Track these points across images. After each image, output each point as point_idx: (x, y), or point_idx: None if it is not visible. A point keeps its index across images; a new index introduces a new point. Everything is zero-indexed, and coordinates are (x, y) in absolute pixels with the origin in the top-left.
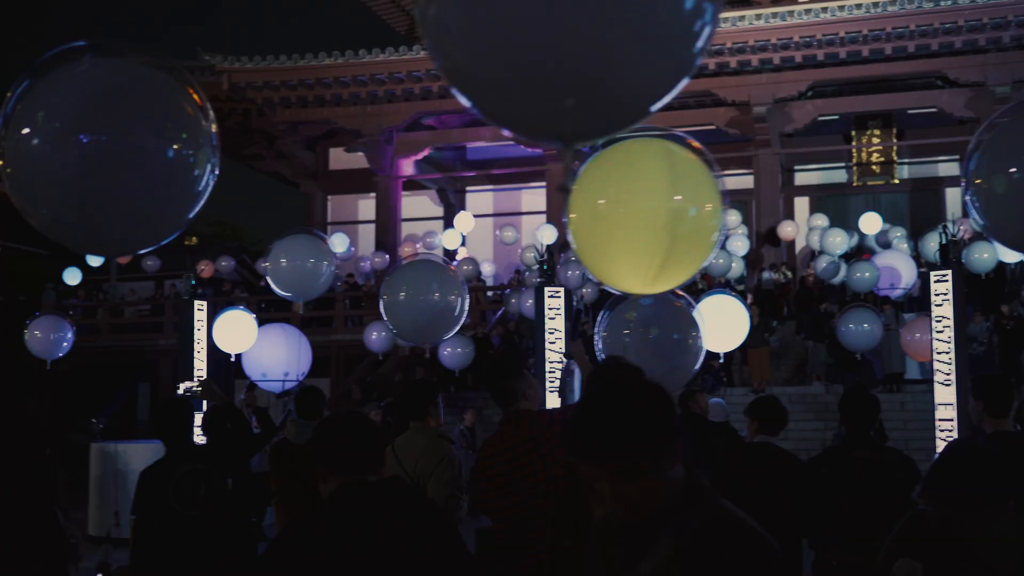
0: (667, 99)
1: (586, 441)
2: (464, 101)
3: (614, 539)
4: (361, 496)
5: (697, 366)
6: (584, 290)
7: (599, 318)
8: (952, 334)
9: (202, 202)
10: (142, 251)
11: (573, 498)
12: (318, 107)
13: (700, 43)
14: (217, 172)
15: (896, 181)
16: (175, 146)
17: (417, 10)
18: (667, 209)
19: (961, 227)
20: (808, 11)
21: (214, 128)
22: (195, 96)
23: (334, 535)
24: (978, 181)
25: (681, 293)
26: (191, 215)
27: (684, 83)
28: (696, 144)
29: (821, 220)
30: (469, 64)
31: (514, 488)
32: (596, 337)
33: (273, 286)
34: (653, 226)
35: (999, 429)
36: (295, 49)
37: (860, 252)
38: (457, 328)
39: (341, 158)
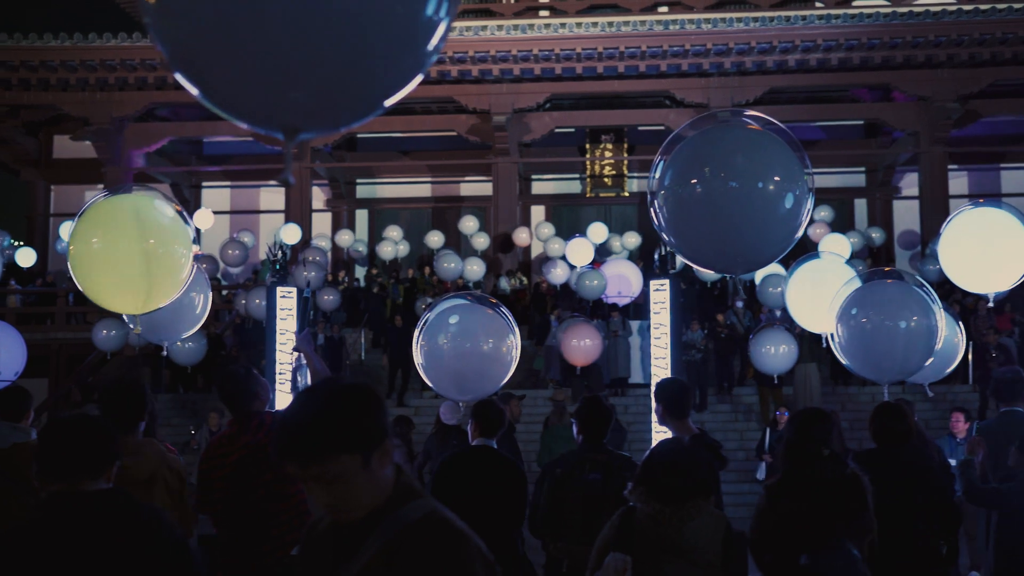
0: (399, 96)
1: (291, 443)
2: (188, 87)
3: (324, 540)
4: (68, 507)
5: (510, 372)
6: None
7: (419, 325)
8: (669, 341)
9: None
10: None
11: None
12: (42, 91)
13: (434, 41)
14: None
15: (626, 194)
16: None
17: None
18: (140, 249)
19: None
20: (548, 25)
21: None
22: None
23: (30, 548)
24: (663, 192)
25: (495, 300)
26: None
27: (416, 81)
28: (177, 206)
29: (548, 229)
30: (193, 49)
31: (245, 488)
32: (416, 346)
33: None
34: (130, 262)
35: (687, 432)
36: (18, 28)
37: (591, 261)
38: (198, 326)
39: (67, 146)
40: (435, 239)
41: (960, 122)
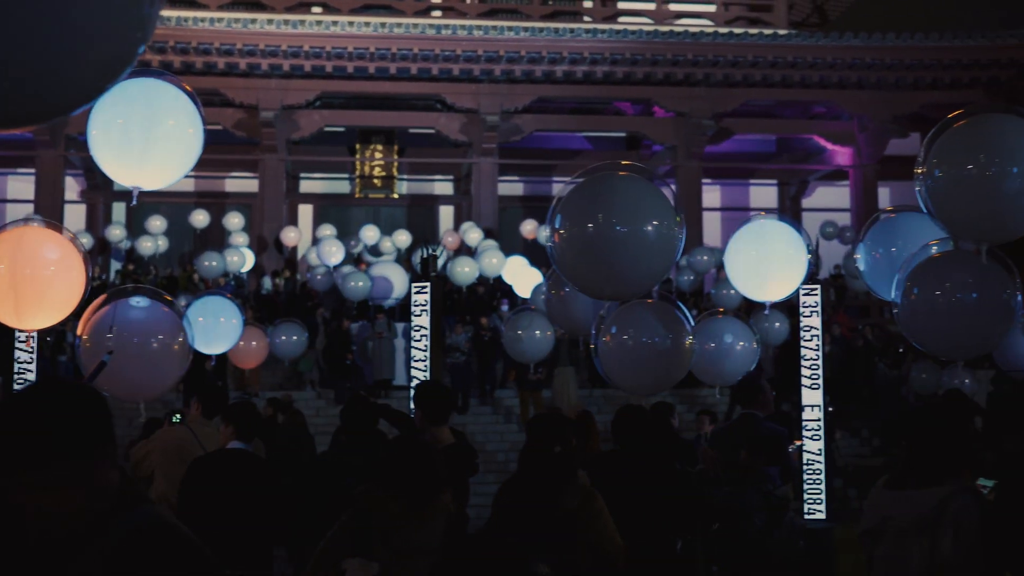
0: (112, 86)
1: (4, 449)
2: None
3: (38, 549)
4: None
5: (182, 370)
6: None
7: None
8: (428, 343)
9: None
10: None
11: None
12: None
13: (143, 32)
14: None
15: (396, 195)
16: None
17: None
18: (10, 273)
19: (448, 239)
20: (320, 22)
21: None
22: None
23: None
24: (562, 232)
25: (169, 298)
26: None
27: (126, 72)
28: (56, 226)
29: (330, 229)
30: None
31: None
32: (77, 343)
33: None
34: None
35: (445, 438)
36: None
37: (358, 262)
38: None
39: None
40: (200, 218)
41: (714, 138)
